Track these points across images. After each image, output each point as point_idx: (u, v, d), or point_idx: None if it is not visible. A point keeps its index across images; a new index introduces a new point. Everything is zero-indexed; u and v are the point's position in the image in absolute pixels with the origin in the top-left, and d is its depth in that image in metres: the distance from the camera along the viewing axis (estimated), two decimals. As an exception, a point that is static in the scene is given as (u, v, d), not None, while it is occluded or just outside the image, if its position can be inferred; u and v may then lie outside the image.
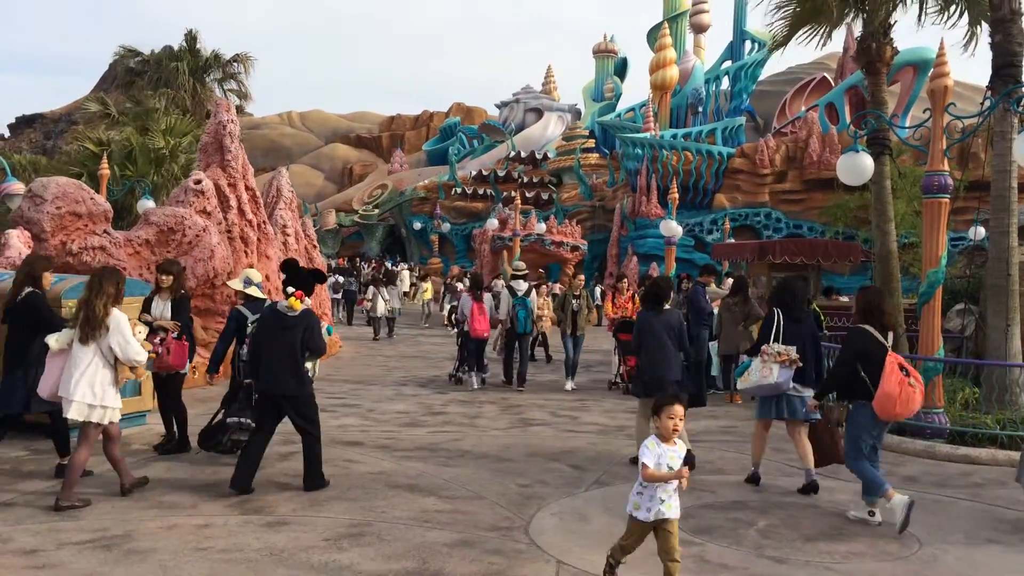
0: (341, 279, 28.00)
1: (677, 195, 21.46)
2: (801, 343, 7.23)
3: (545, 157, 47.85)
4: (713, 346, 12.84)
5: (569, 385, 13.02)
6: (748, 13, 47.56)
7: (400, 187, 49.50)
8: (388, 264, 40.46)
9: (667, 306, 8.09)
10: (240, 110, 31.42)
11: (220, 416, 7.64)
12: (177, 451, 8.00)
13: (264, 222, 14.58)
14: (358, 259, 44.88)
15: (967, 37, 12.86)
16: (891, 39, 12.11)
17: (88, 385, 6.21)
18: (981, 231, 15.21)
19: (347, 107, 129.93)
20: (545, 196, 43.24)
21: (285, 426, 8.46)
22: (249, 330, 7.56)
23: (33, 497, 6.35)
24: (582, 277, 14.49)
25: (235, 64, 32.16)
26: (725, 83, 46.88)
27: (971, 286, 12.62)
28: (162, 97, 28.34)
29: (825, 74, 42.80)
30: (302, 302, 6.77)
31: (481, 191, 45.05)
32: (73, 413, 6.22)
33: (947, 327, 12.42)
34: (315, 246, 18.68)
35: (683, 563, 5.30)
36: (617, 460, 8.14)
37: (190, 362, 8.17)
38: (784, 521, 6.26)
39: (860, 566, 5.35)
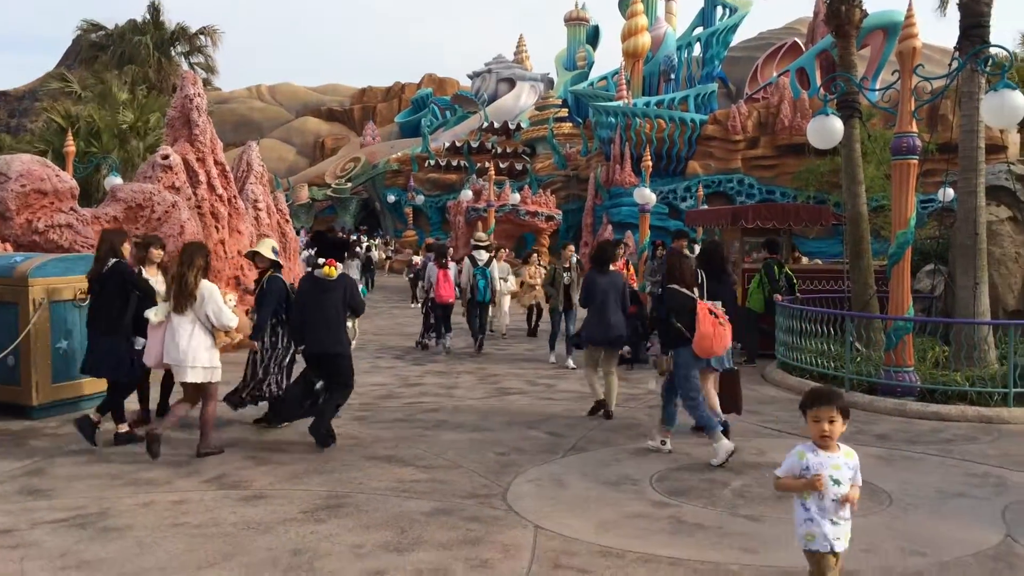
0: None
1: (651, 163, 21.40)
2: (723, 300, 7.80)
3: (518, 127, 47.59)
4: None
5: (571, 363, 11.86)
6: (719, -22, 47.31)
7: (373, 160, 49.10)
8: (354, 238, 40.16)
9: (613, 268, 9.06)
10: (207, 84, 30.92)
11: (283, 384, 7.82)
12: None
13: (235, 197, 14.41)
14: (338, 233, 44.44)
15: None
16: (860, 1, 12.11)
17: (199, 350, 6.84)
18: (950, 192, 15.34)
19: (317, 80, 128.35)
20: (519, 166, 43.07)
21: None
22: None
23: (3, 477, 6.29)
24: (572, 248, 13.10)
25: (202, 37, 31.62)
26: (697, 49, 46.73)
27: (940, 247, 12.76)
28: (127, 72, 27.82)
29: (796, 39, 42.78)
30: (336, 268, 7.29)
31: (455, 163, 44.78)
32: (192, 377, 6.82)
33: (917, 287, 12.57)
34: (287, 221, 18.47)
35: (658, 524, 5.37)
36: (593, 426, 8.20)
37: None
38: (757, 481, 6.34)
39: (832, 522, 5.43)
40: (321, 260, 7.34)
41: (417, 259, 19.47)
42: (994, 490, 6.21)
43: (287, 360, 8.01)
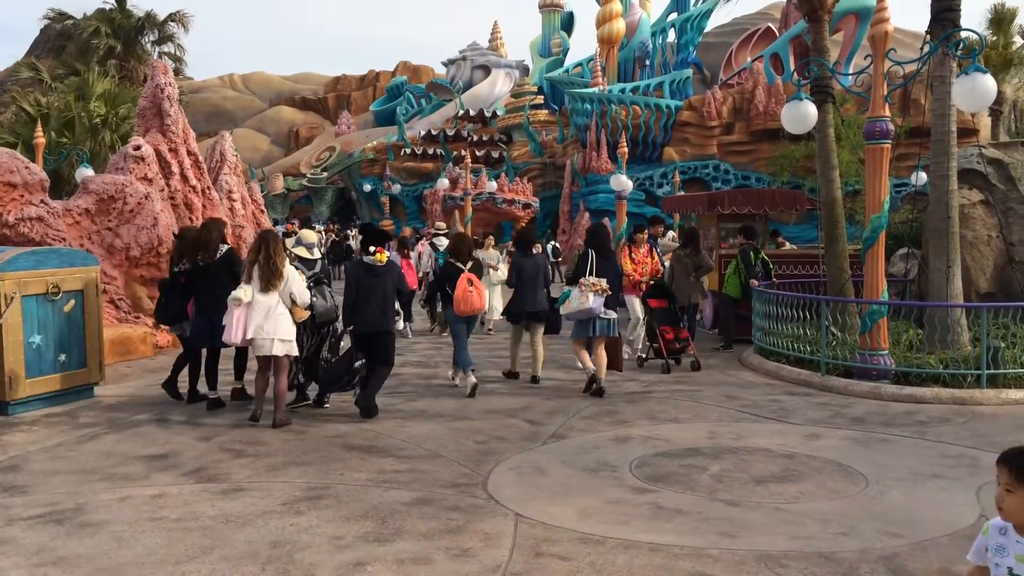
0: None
1: (627, 149, 21.42)
2: (609, 276, 9.04)
3: (494, 115, 47.46)
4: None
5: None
6: (693, -36, 47.33)
7: (348, 149, 48.78)
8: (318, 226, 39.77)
9: (535, 250, 10.09)
10: (179, 73, 30.54)
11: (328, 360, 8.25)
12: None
13: (208, 188, 14.28)
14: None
15: None
16: (833, -14, 12.15)
17: (287, 325, 7.60)
18: (923, 176, 15.49)
19: (290, 68, 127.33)
20: (495, 154, 42.97)
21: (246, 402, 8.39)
22: (307, 283, 8.10)
23: (-21, 475, 6.21)
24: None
25: (171, 24, 31.16)
26: (671, 35, 46.75)
27: (913, 230, 12.88)
28: (93, 61, 27.33)
29: (770, 24, 42.91)
30: (385, 255, 8.15)
31: (431, 151, 44.60)
32: (278, 350, 7.54)
33: (891, 271, 12.70)
34: (263, 211, 18.34)
35: (638, 510, 5.40)
36: (573, 413, 8.22)
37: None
38: (736, 465, 6.39)
39: (809, 505, 5.49)
40: (372, 248, 8.11)
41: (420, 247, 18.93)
42: (968, 471, 6.29)
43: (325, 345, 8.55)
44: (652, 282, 11.23)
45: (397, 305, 8.65)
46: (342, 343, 8.44)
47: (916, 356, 9.72)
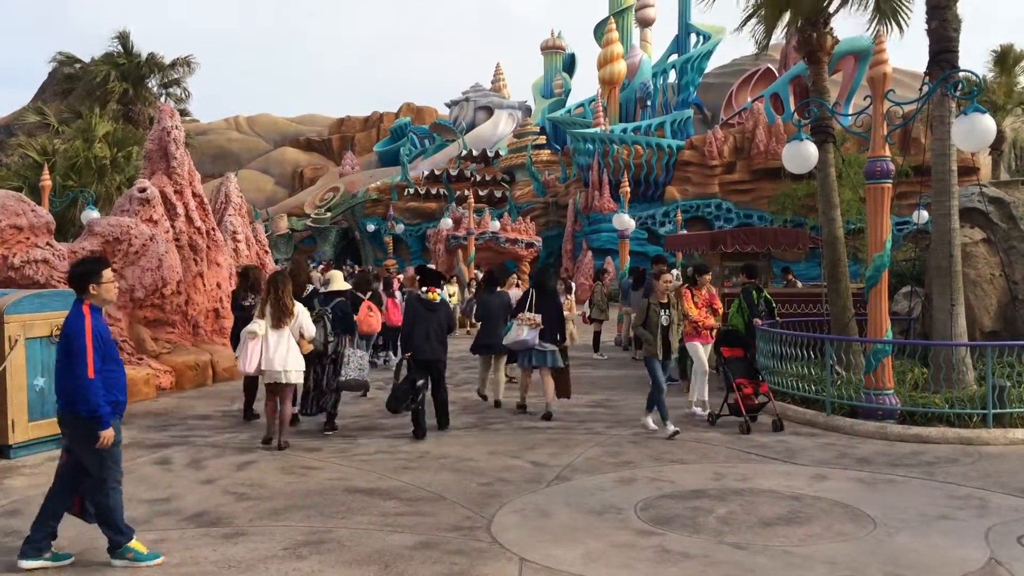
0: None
1: (629, 189, 21.57)
2: (546, 312, 10.13)
3: (497, 155, 47.85)
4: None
5: (670, 428, 8.94)
6: (692, 7, 47.96)
7: (352, 189, 49.14)
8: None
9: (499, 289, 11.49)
10: (185, 115, 30.84)
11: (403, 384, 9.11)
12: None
13: (213, 229, 14.35)
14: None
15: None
16: (831, 28, 12.30)
17: (293, 357, 8.37)
18: (924, 215, 15.54)
19: (295, 110, 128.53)
20: (498, 194, 43.25)
21: (250, 443, 8.37)
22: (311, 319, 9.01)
23: (-20, 519, 6.16)
24: (669, 276, 9.92)
25: (177, 68, 31.54)
26: (672, 76, 47.32)
27: (916, 269, 12.89)
28: (108, 111, 27.58)
29: (769, 65, 43.39)
30: (437, 294, 9.43)
31: (434, 191, 44.90)
32: (293, 379, 8.37)
33: (894, 309, 12.68)
34: (267, 252, 18.43)
35: (644, 554, 5.34)
36: (577, 454, 8.17)
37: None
38: (743, 507, 6.33)
39: (817, 548, 5.43)
40: (424, 288, 9.44)
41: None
42: (977, 512, 6.23)
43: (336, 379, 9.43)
44: (723, 328, 10.47)
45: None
46: (346, 369, 9.34)
47: (921, 395, 9.67)
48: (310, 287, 10.05)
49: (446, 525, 5.95)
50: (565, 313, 11.51)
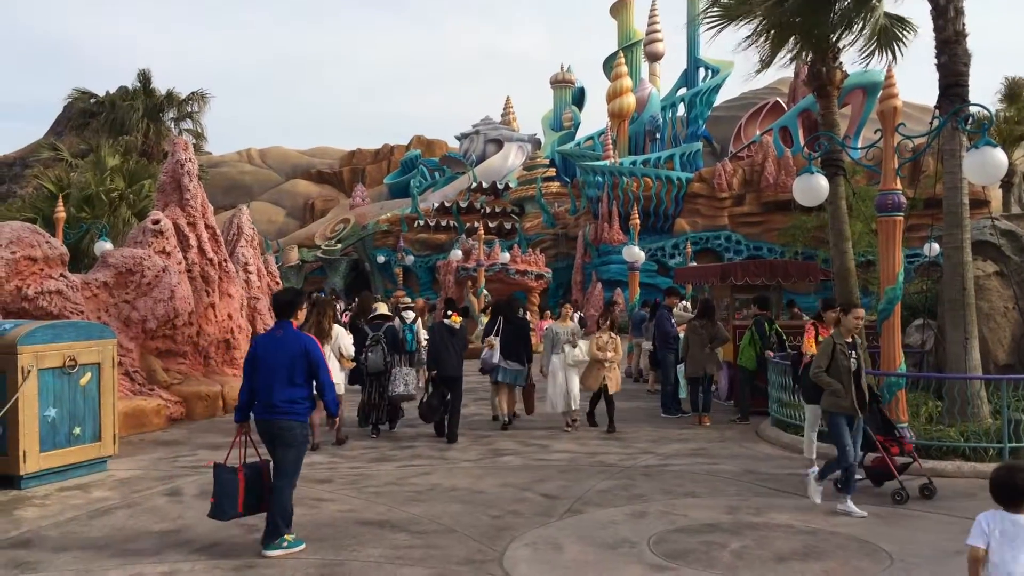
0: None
1: (638, 221, 21.62)
2: (510, 336, 11.68)
3: (507, 187, 48.04)
4: (680, 369, 12.90)
5: (850, 506, 7.14)
6: (701, 41, 48.37)
7: (362, 221, 49.35)
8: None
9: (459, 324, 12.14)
10: (198, 148, 31.17)
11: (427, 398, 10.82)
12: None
13: (225, 260, 14.43)
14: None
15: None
16: (840, 63, 12.37)
17: (336, 374, 9.78)
18: (936, 247, 15.50)
19: (307, 143, 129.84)
20: (508, 226, 43.36)
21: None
22: (368, 342, 11.03)
23: (-9, 551, 6.15)
24: (861, 312, 8.10)
25: (191, 103, 31.94)
26: (681, 110, 47.60)
27: (928, 301, 12.83)
28: (121, 143, 27.92)
29: (778, 98, 43.65)
30: (458, 319, 11.19)
31: (444, 222, 45.05)
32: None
33: (907, 342, 12.59)
34: (278, 283, 18.48)
35: (658, 589, 5.28)
36: (588, 487, 8.11)
37: None
38: (757, 542, 6.27)
39: (834, 584, 5.36)
40: (448, 312, 11.47)
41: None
42: (994, 547, 6.13)
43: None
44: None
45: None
46: (397, 388, 11.01)
47: (936, 429, 9.58)
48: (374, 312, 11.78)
49: (457, 558, 5.91)
50: (610, 355, 11.57)
